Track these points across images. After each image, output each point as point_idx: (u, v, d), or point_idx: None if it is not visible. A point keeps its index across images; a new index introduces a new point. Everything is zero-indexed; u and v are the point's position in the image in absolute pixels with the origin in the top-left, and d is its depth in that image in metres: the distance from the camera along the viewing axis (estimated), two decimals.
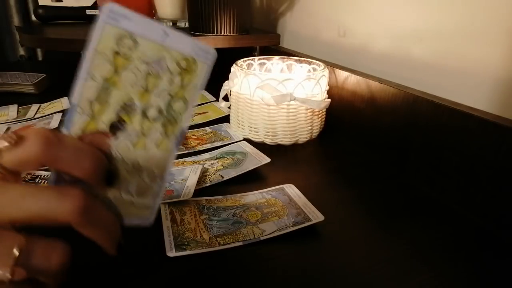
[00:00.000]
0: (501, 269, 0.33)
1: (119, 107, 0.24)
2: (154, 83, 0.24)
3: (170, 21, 0.86)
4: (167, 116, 0.25)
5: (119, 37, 0.23)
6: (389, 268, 0.32)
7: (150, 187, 0.26)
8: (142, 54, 0.23)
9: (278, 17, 0.85)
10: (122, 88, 0.24)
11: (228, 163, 0.49)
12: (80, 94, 0.23)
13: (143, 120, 0.25)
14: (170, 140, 0.26)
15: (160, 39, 0.23)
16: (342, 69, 0.59)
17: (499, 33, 0.39)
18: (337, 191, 0.45)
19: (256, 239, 0.35)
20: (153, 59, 0.24)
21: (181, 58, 0.25)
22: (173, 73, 0.25)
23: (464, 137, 0.40)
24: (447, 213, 0.41)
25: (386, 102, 0.50)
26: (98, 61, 0.23)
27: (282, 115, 0.54)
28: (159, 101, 0.25)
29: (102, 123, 0.24)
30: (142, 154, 0.25)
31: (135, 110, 0.24)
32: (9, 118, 0.63)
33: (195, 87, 0.26)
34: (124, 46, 0.23)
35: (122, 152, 0.25)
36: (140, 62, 0.24)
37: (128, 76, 0.24)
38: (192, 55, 0.25)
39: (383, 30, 0.55)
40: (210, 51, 0.25)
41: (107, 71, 0.23)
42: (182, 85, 0.25)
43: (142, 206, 0.27)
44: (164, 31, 0.23)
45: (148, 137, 0.25)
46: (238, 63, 0.59)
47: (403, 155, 0.48)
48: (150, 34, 0.23)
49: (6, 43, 1.23)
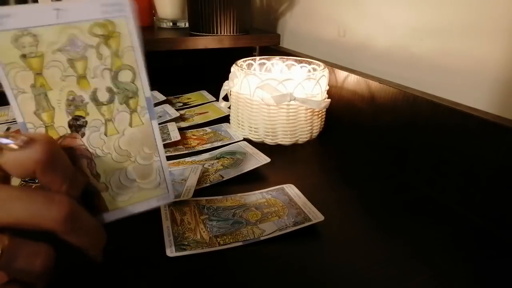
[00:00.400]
0: (501, 269, 0.33)
1: (65, 106, 0.22)
2: (82, 65, 0.22)
3: (170, 21, 0.86)
4: (121, 92, 0.23)
5: (14, 39, 0.20)
6: (389, 268, 0.32)
7: (149, 166, 0.25)
8: (49, 44, 0.21)
9: (278, 17, 0.85)
10: (55, 86, 0.22)
11: (228, 163, 0.49)
12: (20, 112, 0.22)
13: (98, 106, 0.23)
14: (140, 114, 0.24)
15: (55, 19, 0.21)
16: (342, 69, 0.59)
17: (499, 32, 0.39)
18: (337, 191, 0.45)
19: (256, 239, 0.35)
20: (63, 42, 0.21)
21: (92, 26, 0.21)
22: (94, 46, 0.22)
23: (463, 137, 0.40)
24: (447, 213, 0.41)
25: (386, 102, 0.50)
26: (14, 72, 0.21)
27: (282, 115, 0.54)
28: (101, 81, 0.22)
29: (60, 127, 0.23)
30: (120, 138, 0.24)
31: (84, 101, 0.22)
32: (9, 118, 0.63)
33: (129, 48, 0.22)
34: (25, 45, 0.20)
35: (98, 145, 0.23)
36: (52, 52, 0.21)
37: (52, 72, 0.21)
38: (102, 16, 0.21)
39: (383, 29, 0.55)
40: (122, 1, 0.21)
41: (28, 77, 0.21)
42: (113, 52, 0.22)
43: (152, 186, 0.26)
44: (54, 7, 0.20)
45: (115, 121, 0.23)
46: (238, 63, 0.59)
47: (403, 155, 0.48)
48: (42, 19, 0.20)
49: None
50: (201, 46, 0.75)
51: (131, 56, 0.23)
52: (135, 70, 0.23)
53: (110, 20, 0.22)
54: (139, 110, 0.24)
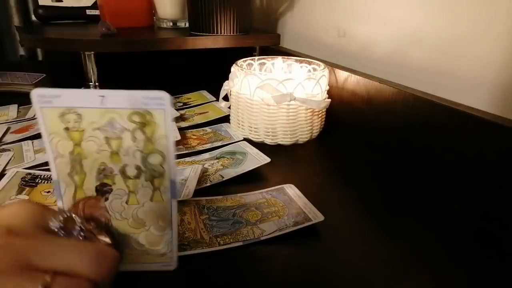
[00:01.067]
0: (501, 269, 0.33)
1: (95, 173, 0.25)
2: (117, 144, 0.24)
3: (170, 21, 0.86)
4: (148, 171, 0.25)
5: (61, 114, 0.23)
6: (389, 268, 0.32)
7: (160, 237, 0.27)
8: (90, 123, 0.24)
9: (278, 17, 0.85)
10: (90, 157, 0.24)
11: (228, 163, 0.49)
12: (57, 172, 0.25)
13: (125, 179, 0.25)
14: (162, 192, 0.26)
15: (99, 103, 0.23)
16: (342, 69, 0.59)
17: (498, 34, 0.39)
18: (337, 191, 0.45)
19: (256, 239, 0.35)
20: (103, 123, 0.24)
21: (131, 114, 0.24)
22: (131, 130, 0.24)
23: (463, 137, 0.40)
24: (447, 213, 0.41)
25: (386, 102, 0.50)
26: (56, 140, 0.24)
27: (282, 115, 0.54)
28: (131, 159, 0.25)
29: (88, 190, 0.25)
30: (139, 208, 0.26)
31: (113, 172, 0.25)
32: (9, 118, 0.63)
33: (162, 137, 0.24)
34: (70, 121, 0.23)
35: (118, 210, 0.26)
36: (92, 129, 0.24)
37: (89, 145, 0.24)
38: (141, 107, 0.23)
39: (383, 32, 0.55)
40: (162, 96, 0.23)
41: (68, 146, 0.24)
42: (147, 138, 0.24)
43: (158, 254, 0.28)
44: (99, 94, 0.23)
45: (137, 193, 0.26)
46: (238, 63, 0.59)
47: (403, 155, 0.48)
48: (87, 102, 0.23)
49: (6, 43, 1.22)
50: (201, 46, 0.75)
51: (164, 143, 0.25)
52: (165, 155, 0.25)
53: (148, 111, 0.24)
54: (162, 189, 0.26)
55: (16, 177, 0.43)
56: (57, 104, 0.23)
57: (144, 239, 0.27)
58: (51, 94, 0.23)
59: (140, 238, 0.27)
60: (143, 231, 0.27)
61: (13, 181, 0.42)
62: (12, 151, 0.50)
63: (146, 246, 0.27)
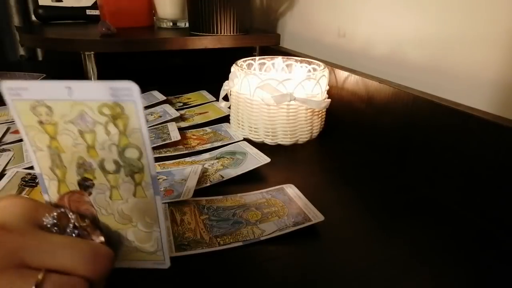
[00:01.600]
0: (501, 269, 0.33)
1: (75, 167, 0.24)
2: (91, 138, 0.24)
3: (170, 21, 0.86)
4: (126, 166, 0.24)
5: (32, 107, 0.23)
6: (389, 268, 0.32)
7: (149, 234, 0.27)
8: (62, 115, 0.23)
9: (278, 17, 0.85)
10: (67, 150, 0.24)
11: (228, 163, 0.49)
12: (38, 165, 0.24)
13: (105, 174, 0.25)
14: (145, 188, 0.25)
15: (67, 96, 0.22)
16: (342, 69, 0.59)
17: (498, 35, 0.39)
18: (337, 191, 0.45)
19: (256, 239, 0.35)
20: (74, 116, 0.23)
21: (101, 106, 0.23)
22: (103, 124, 0.23)
23: (464, 137, 0.40)
24: (447, 213, 0.41)
25: (386, 102, 0.50)
26: (32, 133, 0.23)
27: (282, 115, 0.54)
28: (108, 153, 0.24)
29: (71, 184, 0.25)
30: (123, 204, 0.25)
31: (92, 166, 0.24)
32: (9, 118, 0.63)
33: (136, 130, 0.23)
34: (42, 113, 0.23)
35: (103, 205, 0.25)
36: (64, 123, 0.23)
37: (65, 139, 0.24)
38: (110, 99, 0.22)
39: (383, 32, 0.55)
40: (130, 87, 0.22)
41: (45, 139, 0.24)
42: (121, 131, 0.23)
43: (149, 252, 0.27)
44: (65, 85, 0.22)
45: (120, 188, 0.25)
46: (238, 63, 0.59)
47: (403, 155, 0.48)
48: (55, 94, 0.22)
49: (6, 43, 1.22)
50: (201, 46, 0.75)
51: (138, 137, 0.24)
52: (142, 149, 0.24)
53: (118, 103, 0.23)
54: (143, 184, 0.25)
55: (16, 177, 0.43)
56: (26, 96, 0.22)
57: (132, 235, 0.27)
58: (19, 87, 0.22)
59: (129, 235, 0.26)
60: (130, 227, 0.26)
61: (13, 181, 0.42)
62: (12, 151, 0.50)
63: (136, 243, 0.27)
